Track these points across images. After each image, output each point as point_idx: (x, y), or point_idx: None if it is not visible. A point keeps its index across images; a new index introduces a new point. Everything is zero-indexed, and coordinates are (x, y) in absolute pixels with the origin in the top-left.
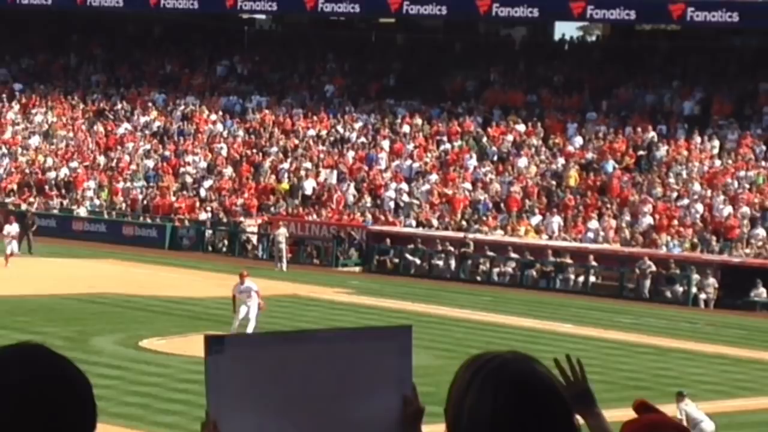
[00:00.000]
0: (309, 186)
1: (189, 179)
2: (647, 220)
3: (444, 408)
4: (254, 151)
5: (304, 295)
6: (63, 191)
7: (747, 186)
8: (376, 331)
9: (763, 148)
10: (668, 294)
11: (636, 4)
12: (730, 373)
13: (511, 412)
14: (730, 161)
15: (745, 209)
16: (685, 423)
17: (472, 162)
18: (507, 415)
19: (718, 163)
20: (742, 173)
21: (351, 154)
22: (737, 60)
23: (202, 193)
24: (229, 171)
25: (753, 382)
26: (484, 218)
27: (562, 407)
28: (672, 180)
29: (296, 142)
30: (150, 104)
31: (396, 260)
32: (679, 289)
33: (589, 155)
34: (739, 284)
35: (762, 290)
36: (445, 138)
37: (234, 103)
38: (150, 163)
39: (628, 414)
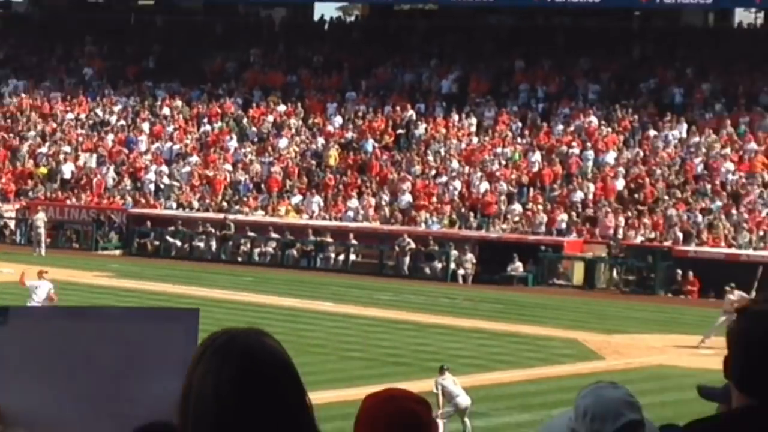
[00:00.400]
0: (68, 170)
1: None
2: (406, 198)
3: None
4: (11, 135)
5: (62, 280)
6: None
7: (504, 162)
8: (164, 312)
9: (519, 125)
10: (427, 270)
11: None
12: (487, 347)
13: (236, 384)
14: (487, 138)
15: (502, 185)
16: (440, 397)
17: (233, 143)
18: (231, 387)
19: (475, 140)
20: (499, 150)
21: (111, 137)
22: (493, 38)
23: None
24: None
25: (510, 355)
26: (245, 199)
27: (290, 381)
28: (430, 158)
29: (54, 126)
30: None
31: (157, 243)
32: (438, 265)
33: (349, 134)
34: (496, 259)
35: (518, 264)
36: (205, 120)
37: None
38: None
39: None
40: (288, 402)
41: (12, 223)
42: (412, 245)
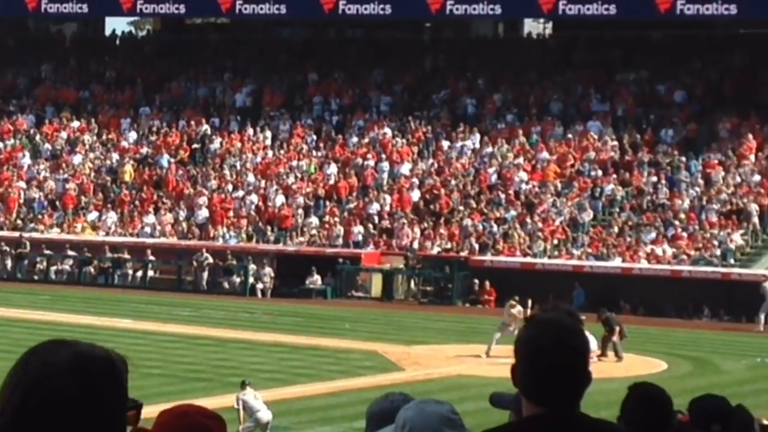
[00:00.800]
0: None
1: None
2: (203, 213)
3: None
4: None
5: None
6: None
7: (299, 175)
8: None
9: (314, 137)
10: (226, 285)
11: None
12: (288, 361)
13: (28, 390)
14: (282, 152)
15: (299, 199)
16: (241, 412)
17: (26, 160)
18: (23, 392)
19: (270, 153)
20: (294, 163)
21: None
22: (286, 51)
23: None
24: None
25: (310, 368)
26: (40, 216)
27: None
28: (226, 172)
29: None
30: None
31: None
32: (237, 279)
33: (144, 150)
34: (295, 272)
35: (317, 277)
36: None
37: None
38: None
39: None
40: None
41: None
42: (210, 260)
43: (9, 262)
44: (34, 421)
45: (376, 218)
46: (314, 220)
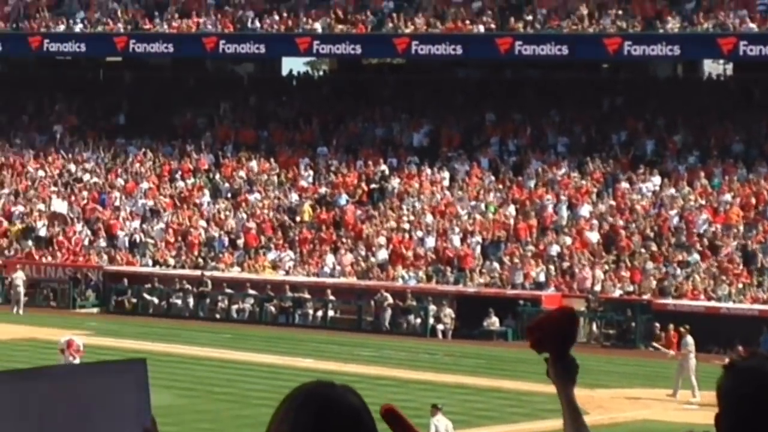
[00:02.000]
0: (42, 228)
1: None
2: (382, 253)
3: None
4: None
5: (42, 338)
6: None
7: (478, 216)
8: (111, 365)
9: (492, 178)
10: (406, 325)
11: (361, 39)
12: (471, 402)
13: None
14: (460, 192)
15: (478, 239)
16: None
17: (206, 199)
18: None
19: (448, 194)
20: (472, 203)
21: (84, 194)
22: (463, 91)
23: None
24: None
25: (493, 411)
26: (221, 255)
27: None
28: (405, 212)
29: (27, 183)
30: None
31: (134, 300)
32: (417, 320)
33: (323, 189)
34: (474, 314)
35: (495, 319)
36: (178, 175)
37: None
38: None
39: None
40: None
41: None
42: (390, 300)
43: (191, 301)
44: None
45: (556, 260)
46: (493, 261)
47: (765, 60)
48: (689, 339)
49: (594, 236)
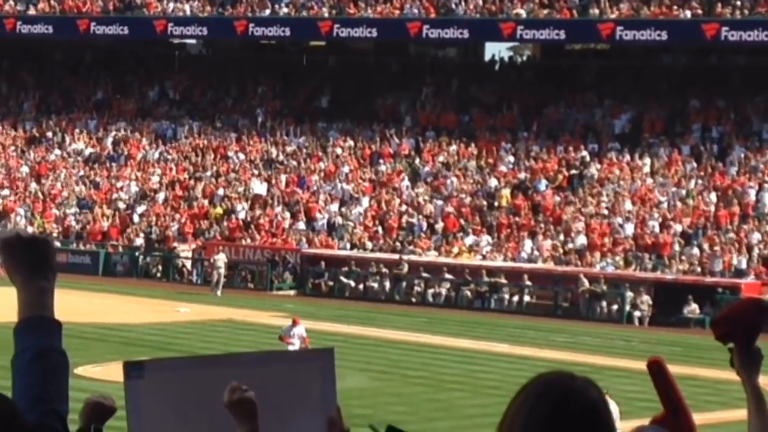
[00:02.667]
0: (242, 210)
1: (122, 205)
2: (580, 239)
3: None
4: (187, 176)
5: (239, 320)
6: None
7: (678, 203)
8: (298, 353)
9: (694, 165)
10: (602, 312)
11: (565, 24)
12: None
13: (547, 424)
14: (661, 179)
15: (677, 226)
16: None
17: (405, 183)
18: (542, 427)
19: (649, 180)
20: (674, 190)
21: (284, 177)
22: (666, 78)
23: (136, 218)
24: (162, 196)
25: (689, 399)
26: (418, 239)
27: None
28: (604, 198)
29: (229, 166)
30: (81, 130)
31: (330, 283)
32: (613, 307)
33: (522, 175)
34: (672, 301)
35: (694, 306)
36: (378, 159)
37: (166, 128)
38: (83, 190)
39: None
40: None
41: (188, 263)
42: (587, 286)
43: (387, 284)
44: None
45: (757, 248)
46: (693, 248)
47: None
48: None
49: None
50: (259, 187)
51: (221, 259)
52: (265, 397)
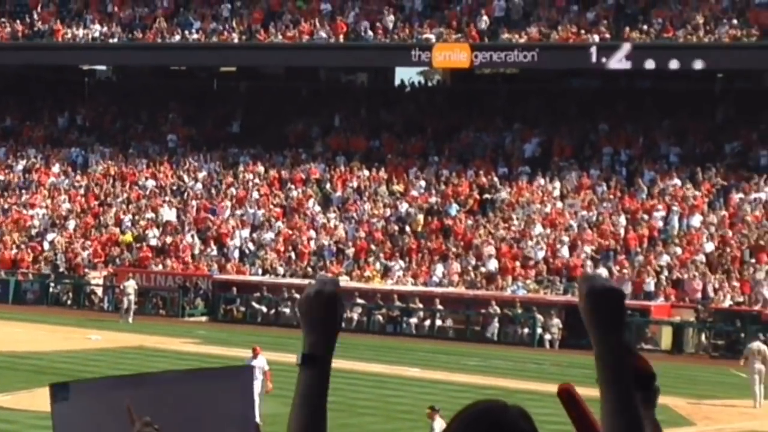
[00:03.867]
0: (153, 237)
1: (32, 232)
2: (492, 263)
3: None
4: (97, 203)
5: (150, 346)
6: None
7: (588, 227)
8: (219, 371)
9: (604, 188)
10: (514, 335)
11: (474, 48)
12: None
13: None
14: (571, 202)
15: (587, 249)
16: None
17: (316, 208)
18: None
19: (559, 204)
20: (583, 214)
21: (195, 203)
22: (576, 102)
23: (46, 246)
24: (72, 223)
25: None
26: (329, 264)
27: None
28: (515, 222)
29: (140, 192)
30: None
31: (243, 309)
32: (525, 330)
33: (433, 199)
34: (583, 324)
35: None
36: (289, 185)
37: (76, 155)
38: None
39: None
40: None
41: (99, 290)
42: (498, 310)
43: None
44: None
45: (666, 270)
46: (603, 270)
47: None
48: (754, 345)
49: (706, 247)
50: (169, 214)
51: (131, 285)
52: (187, 415)
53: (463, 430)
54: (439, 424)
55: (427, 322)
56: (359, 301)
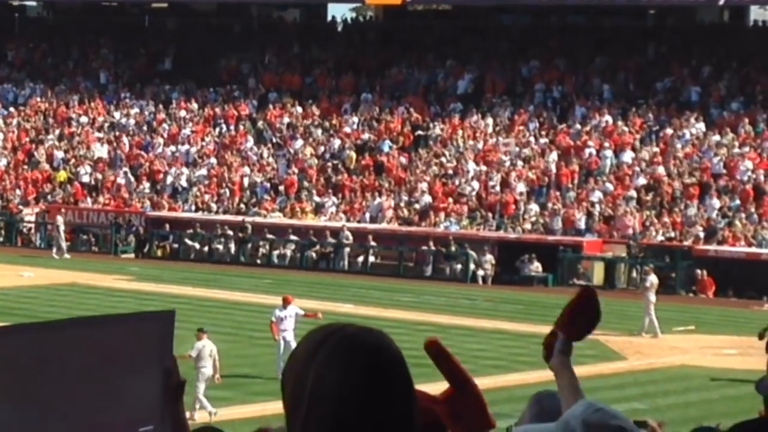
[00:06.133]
0: (86, 174)
1: None
2: (425, 199)
3: (281, 382)
4: (29, 139)
5: (82, 283)
6: None
7: (521, 163)
8: (137, 316)
9: (537, 124)
10: (447, 271)
11: None
12: (509, 348)
13: (363, 382)
14: (503, 139)
15: (520, 186)
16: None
17: (250, 145)
18: (358, 385)
19: (492, 141)
20: (516, 150)
21: (127, 140)
22: (508, 38)
23: None
24: (4, 161)
25: (532, 356)
26: (263, 201)
27: (408, 384)
28: (447, 158)
29: (72, 129)
30: None
31: (175, 245)
32: (458, 266)
33: (365, 136)
34: (515, 260)
35: (537, 265)
36: (221, 121)
37: (7, 92)
38: None
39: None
40: (405, 405)
41: (32, 227)
42: (432, 246)
43: (232, 246)
44: (322, 417)
45: (598, 206)
46: (535, 207)
47: None
48: (651, 277)
49: (638, 182)
50: (101, 151)
51: (60, 221)
52: (102, 361)
53: (334, 352)
54: (209, 346)
55: (360, 259)
56: (292, 237)
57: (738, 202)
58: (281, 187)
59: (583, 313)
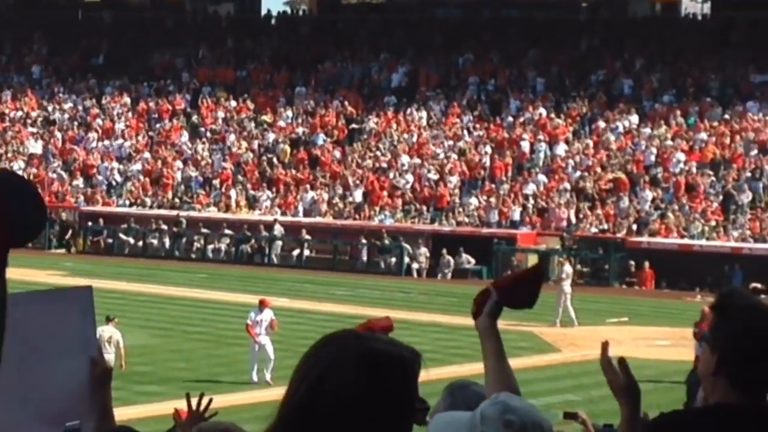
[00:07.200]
0: (18, 170)
1: None
2: (359, 193)
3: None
4: None
5: (15, 279)
6: None
7: (455, 156)
8: (56, 293)
9: (471, 117)
10: (382, 265)
11: None
12: (444, 341)
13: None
14: (437, 132)
15: (454, 179)
16: None
17: (184, 139)
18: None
19: (426, 134)
20: (450, 143)
21: (60, 135)
22: (441, 31)
23: None
24: None
25: (467, 348)
26: (197, 195)
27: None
28: (382, 152)
29: (5, 124)
30: None
31: (110, 240)
32: (392, 259)
33: (300, 129)
34: (450, 253)
35: (467, 257)
36: (155, 116)
37: None
38: None
39: None
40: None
41: None
42: (366, 240)
43: (167, 241)
44: (317, 414)
45: (532, 198)
46: (470, 200)
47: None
48: (566, 267)
49: (571, 175)
50: (35, 146)
51: None
52: (26, 338)
53: (364, 372)
54: (111, 332)
55: (295, 252)
56: (227, 231)
57: (671, 193)
58: (215, 182)
59: (527, 286)
